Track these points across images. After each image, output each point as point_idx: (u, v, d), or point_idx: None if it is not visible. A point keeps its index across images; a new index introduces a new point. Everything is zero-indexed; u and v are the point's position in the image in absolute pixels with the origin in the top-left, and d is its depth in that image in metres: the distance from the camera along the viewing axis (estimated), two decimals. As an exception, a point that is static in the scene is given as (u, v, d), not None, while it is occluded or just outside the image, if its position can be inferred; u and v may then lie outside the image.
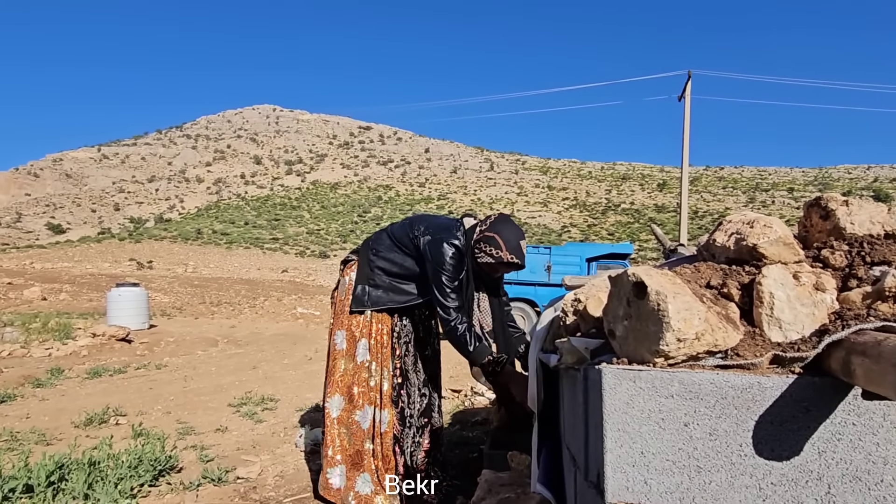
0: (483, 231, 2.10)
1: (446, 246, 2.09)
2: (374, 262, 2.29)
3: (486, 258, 2.07)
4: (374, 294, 2.25)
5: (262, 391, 5.12)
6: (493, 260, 2.06)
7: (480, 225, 2.14)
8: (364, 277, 2.30)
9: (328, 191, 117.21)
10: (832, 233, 1.06)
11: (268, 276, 43.42)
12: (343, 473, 2.22)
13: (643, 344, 0.91)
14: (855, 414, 0.84)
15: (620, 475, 0.89)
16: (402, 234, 2.27)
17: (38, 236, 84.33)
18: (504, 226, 2.11)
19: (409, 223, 2.29)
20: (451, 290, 2.08)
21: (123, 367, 6.81)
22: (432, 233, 2.16)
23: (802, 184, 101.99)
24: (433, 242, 2.13)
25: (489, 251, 2.06)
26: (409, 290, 2.27)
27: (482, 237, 2.09)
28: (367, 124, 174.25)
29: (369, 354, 2.26)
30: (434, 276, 2.10)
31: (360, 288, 2.29)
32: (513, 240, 2.07)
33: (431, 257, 2.11)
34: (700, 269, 1.07)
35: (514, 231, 2.11)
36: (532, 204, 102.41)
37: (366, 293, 2.27)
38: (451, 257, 2.08)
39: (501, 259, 2.05)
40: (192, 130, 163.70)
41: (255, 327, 13.31)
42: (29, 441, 3.38)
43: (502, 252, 2.05)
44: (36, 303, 18.56)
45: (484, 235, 2.08)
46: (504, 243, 2.05)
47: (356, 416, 2.22)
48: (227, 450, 3.26)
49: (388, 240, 2.31)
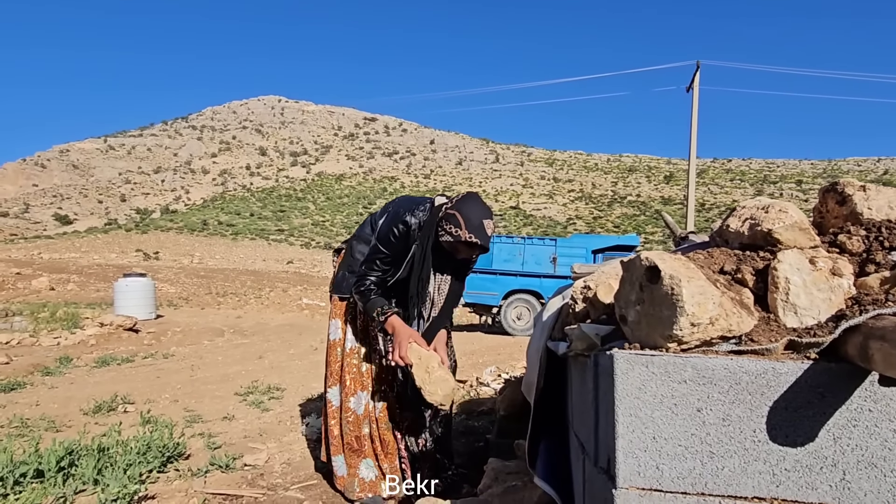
0: (447, 209, 2.01)
1: (398, 223, 2.05)
2: (354, 247, 2.31)
3: (446, 236, 1.97)
4: (352, 279, 2.23)
5: (269, 380, 5.14)
6: (451, 238, 1.95)
7: (447, 203, 2.07)
8: (346, 264, 2.32)
9: (333, 182, 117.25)
10: (849, 218, 1.04)
11: (273, 267, 43.58)
12: (344, 462, 2.24)
13: (656, 329, 0.90)
14: (871, 400, 0.83)
15: (632, 460, 0.89)
16: (381, 216, 2.27)
17: (45, 227, 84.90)
18: (468, 203, 1.98)
19: (388, 203, 2.29)
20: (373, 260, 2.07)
21: (131, 357, 6.86)
22: (391, 213, 2.15)
23: (811, 176, 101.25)
24: (388, 217, 2.13)
25: (448, 229, 1.95)
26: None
27: (444, 214, 1.99)
28: (373, 115, 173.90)
29: (356, 339, 2.27)
30: (372, 242, 2.13)
31: (341, 274, 2.31)
32: (474, 218, 1.94)
33: (380, 229, 2.12)
34: (713, 254, 1.06)
35: (477, 209, 1.97)
36: (537, 196, 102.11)
37: (344, 279, 2.28)
38: (395, 232, 2.03)
39: (460, 238, 1.93)
40: (197, 121, 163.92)
41: (261, 318, 13.38)
42: (39, 428, 3.41)
43: (461, 230, 1.93)
44: (44, 293, 18.73)
45: (446, 213, 1.99)
46: (464, 221, 1.93)
47: (350, 402, 2.24)
48: (234, 437, 3.28)
49: (370, 226, 2.31)
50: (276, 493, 2.39)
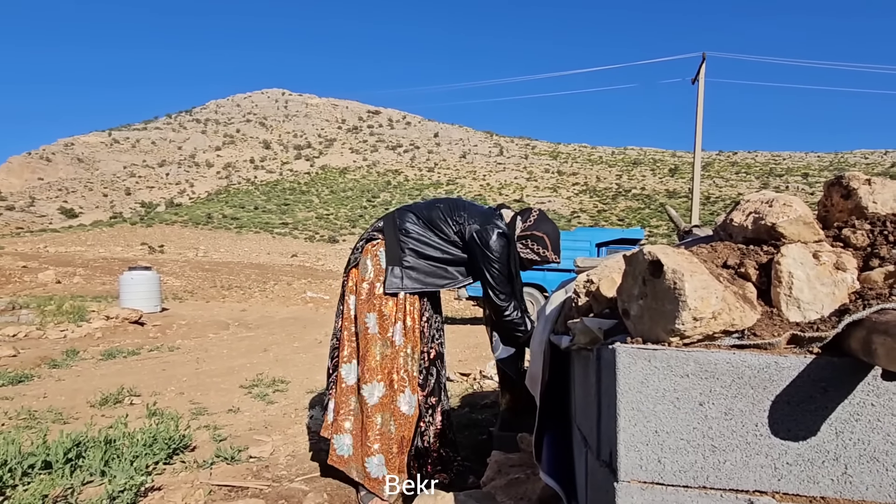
0: (530, 228, 2.16)
1: (496, 235, 2.13)
2: (405, 243, 2.24)
3: (532, 255, 2.15)
4: (410, 275, 2.22)
5: (273, 373, 5.18)
6: (538, 258, 2.15)
7: (523, 220, 2.20)
8: (396, 259, 2.24)
9: (337, 175, 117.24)
10: (854, 212, 1.03)
11: (277, 260, 43.70)
12: (382, 463, 2.15)
13: (658, 323, 0.90)
14: (874, 395, 0.83)
15: (634, 454, 0.89)
16: (438, 218, 2.24)
17: (51, 220, 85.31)
18: (549, 226, 2.18)
19: (446, 207, 2.27)
20: (504, 278, 2.14)
21: (137, 349, 6.91)
22: (479, 221, 2.19)
23: (818, 169, 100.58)
24: (483, 231, 2.16)
25: (536, 249, 2.14)
26: (444, 274, 2.25)
27: (531, 235, 2.15)
28: (376, 108, 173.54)
29: (404, 338, 2.21)
30: (486, 265, 2.15)
31: (393, 269, 2.22)
32: (556, 241, 2.16)
33: (481, 245, 2.14)
34: (717, 248, 1.05)
35: (556, 231, 2.19)
36: (542, 189, 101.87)
37: (401, 275, 2.22)
38: (502, 246, 2.13)
39: (547, 258, 2.14)
40: (201, 115, 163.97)
41: (266, 311, 13.44)
42: (46, 419, 3.45)
43: (548, 252, 2.14)
44: (50, 286, 18.85)
45: (533, 234, 2.15)
46: (551, 245, 2.15)
47: (399, 402, 2.17)
48: (239, 430, 3.30)
49: (419, 221, 2.26)
50: (281, 484, 2.42)
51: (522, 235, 2.16)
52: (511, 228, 2.18)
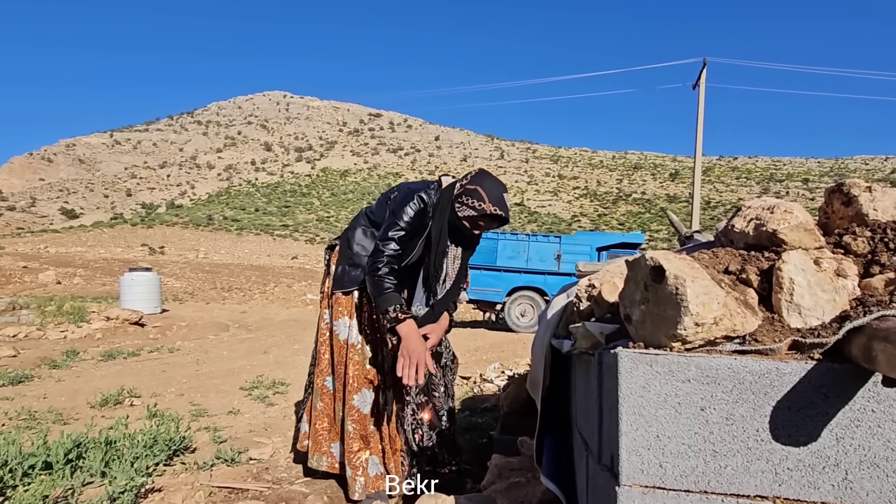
0: (464, 185, 2.05)
1: (412, 200, 2.05)
2: (352, 239, 2.27)
3: (468, 210, 2.02)
4: (354, 273, 2.22)
5: (273, 375, 5.17)
6: (474, 212, 2.01)
7: (461, 181, 2.10)
8: (344, 258, 2.28)
9: (338, 178, 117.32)
10: (854, 219, 1.04)
11: (278, 262, 43.70)
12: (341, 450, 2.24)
13: (660, 328, 0.90)
14: (874, 401, 0.83)
15: (635, 458, 0.90)
16: (379, 207, 2.24)
17: (52, 221, 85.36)
18: (485, 178, 2.06)
19: (388, 192, 2.27)
20: (395, 236, 2.02)
21: (137, 350, 6.91)
22: (403, 192, 2.15)
23: (818, 174, 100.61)
24: (399, 195, 2.13)
25: (471, 203, 2.01)
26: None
27: (463, 190, 2.04)
28: (378, 111, 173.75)
29: (360, 333, 2.23)
30: (387, 220, 2.07)
31: (340, 269, 2.27)
32: (495, 191, 2.02)
33: (392, 207, 2.09)
34: (718, 254, 1.06)
35: (495, 183, 2.06)
36: (542, 193, 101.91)
37: (345, 273, 2.24)
38: (412, 209, 2.04)
39: (484, 211, 1.99)
40: (202, 117, 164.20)
41: (266, 313, 13.43)
42: (47, 420, 3.44)
43: (485, 204, 1.99)
44: (51, 286, 18.85)
45: (465, 189, 2.03)
46: (486, 195, 2.00)
47: (354, 400, 2.21)
48: (239, 432, 3.30)
49: (366, 217, 2.29)
50: (281, 486, 2.42)
51: (458, 193, 2.05)
52: (448, 193, 2.08)
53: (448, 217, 2.06)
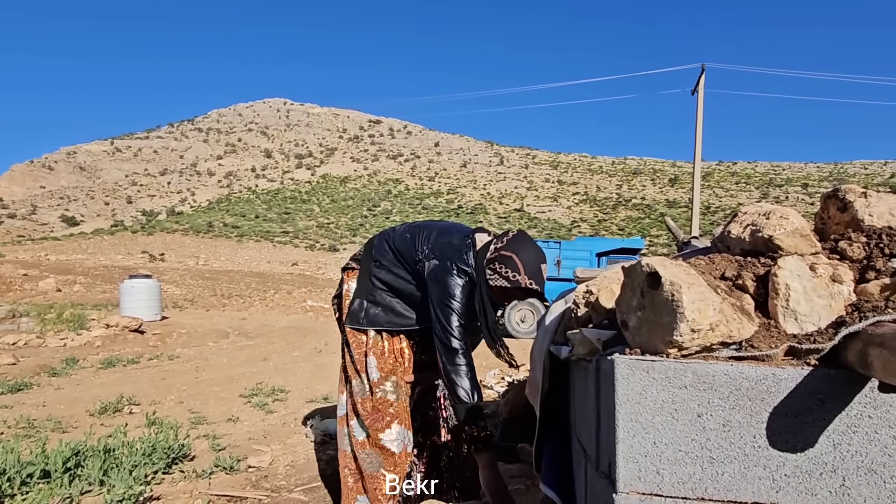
0: (499, 249, 1.82)
1: (455, 275, 1.82)
2: (375, 274, 2.06)
3: (500, 281, 1.78)
4: (373, 311, 2.04)
5: (273, 382, 5.16)
6: (507, 284, 1.77)
7: (496, 242, 1.86)
8: (364, 291, 2.08)
9: (338, 184, 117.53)
10: (850, 224, 1.04)
11: (278, 269, 43.70)
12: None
13: (657, 334, 0.90)
14: (871, 406, 0.83)
15: (633, 465, 0.89)
16: (406, 249, 2.03)
17: (52, 228, 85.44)
18: (523, 244, 1.82)
19: (413, 237, 2.04)
20: (458, 325, 1.81)
21: (136, 358, 6.89)
22: (439, 256, 1.91)
23: (817, 179, 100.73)
24: (440, 269, 1.87)
25: (504, 273, 1.77)
26: (409, 315, 2.03)
27: (497, 255, 1.80)
28: (377, 118, 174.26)
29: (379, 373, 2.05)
30: (439, 308, 1.83)
31: (358, 302, 2.08)
32: (532, 262, 1.78)
33: (437, 285, 1.85)
34: (714, 260, 1.06)
35: (533, 251, 1.82)
36: (542, 198, 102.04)
37: (363, 309, 2.05)
38: (461, 288, 1.82)
39: (518, 284, 1.76)
40: (203, 124, 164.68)
41: (266, 320, 13.42)
42: (45, 428, 3.44)
43: (520, 276, 1.75)
44: (51, 294, 18.84)
45: (500, 254, 1.80)
46: (523, 266, 1.76)
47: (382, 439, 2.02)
48: (238, 439, 3.29)
49: (392, 252, 2.07)
50: (280, 494, 2.41)
51: (492, 258, 1.81)
52: (482, 256, 1.85)
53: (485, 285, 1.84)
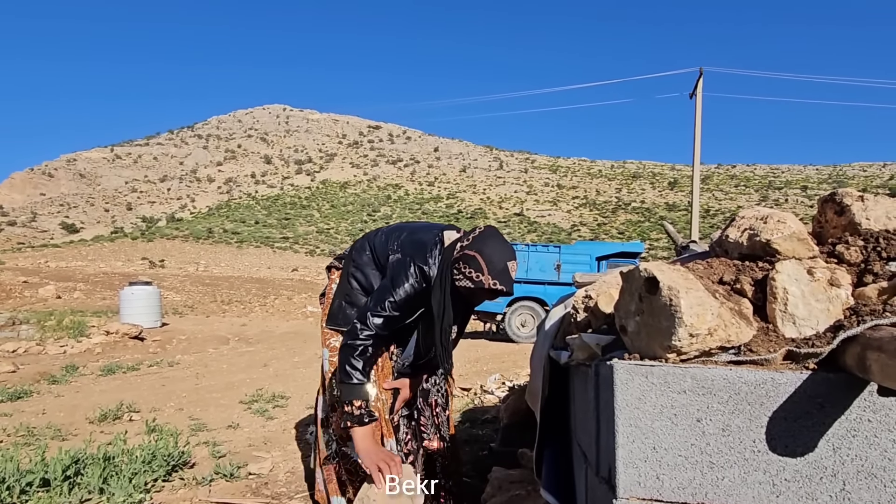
0: (463, 248, 1.72)
1: (410, 272, 1.77)
2: (352, 274, 2.04)
3: (465, 281, 1.69)
4: (350, 313, 2.00)
5: (273, 388, 5.15)
6: (471, 284, 1.68)
7: (462, 240, 1.77)
8: (342, 292, 2.05)
9: (338, 190, 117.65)
10: (847, 228, 1.05)
11: (278, 274, 43.69)
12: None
13: (655, 339, 0.90)
14: (871, 410, 0.83)
15: (632, 470, 0.89)
16: (381, 249, 2.00)
17: (52, 235, 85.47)
18: (489, 242, 1.71)
19: (387, 235, 2.02)
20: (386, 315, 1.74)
21: (136, 365, 6.88)
22: (403, 251, 1.89)
23: (816, 182, 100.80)
24: (398, 263, 1.84)
25: (468, 273, 1.67)
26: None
27: (461, 255, 1.70)
28: (377, 123, 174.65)
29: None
30: (378, 291, 1.81)
31: (337, 303, 2.05)
32: (498, 261, 1.67)
33: (389, 275, 1.83)
34: (713, 264, 1.07)
35: (500, 249, 1.70)
36: (542, 203, 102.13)
37: (341, 310, 2.02)
38: (409, 285, 1.76)
39: (482, 284, 1.66)
40: (203, 130, 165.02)
41: (266, 325, 13.41)
42: (45, 436, 3.43)
43: (483, 276, 1.65)
44: (51, 301, 18.83)
45: (464, 254, 1.70)
46: (486, 265, 1.66)
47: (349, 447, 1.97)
48: (238, 446, 3.28)
49: (370, 252, 2.03)
50: (281, 501, 2.40)
51: (455, 258, 1.72)
52: (448, 254, 1.76)
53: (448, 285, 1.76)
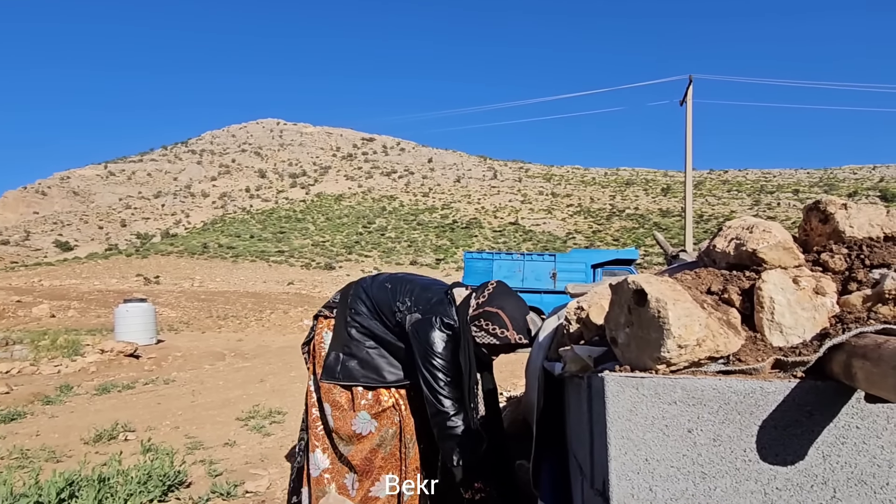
0: (482, 304, 1.76)
1: (439, 329, 1.75)
2: (351, 325, 1.98)
3: (488, 338, 1.73)
4: (350, 365, 1.94)
5: (270, 404, 5.12)
6: (496, 341, 1.73)
7: (477, 297, 1.81)
8: (339, 343, 1.98)
9: (333, 203, 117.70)
10: (832, 236, 1.06)
11: (274, 288, 43.54)
12: None
13: (645, 351, 0.91)
14: (858, 417, 0.84)
15: (625, 483, 0.90)
16: (384, 300, 1.96)
17: (46, 254, 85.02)
18: (507, 298, 1.78)
19: (392, 289, 1.99)
20: (446, 379, 1.73)
21: (132, 383, 6.83)
22: (421, 309, 1.85)
23: (808, 185, 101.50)
24: (423, 323, 1.79)
25: (492, 329, 1.73)
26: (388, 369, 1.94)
27: (482, 312, 1.75)
28: (371, 136, 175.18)
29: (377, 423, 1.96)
30: (424, 363, 1.75)
31: (334, 355, 1.97)
32: (519, 316, 1.76)
33: (420, 340, 1.77)
34: (700, 275, 1.08)
35: (518, 304, 1.79)
36: (536, 211, 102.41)
37: (339, 362, 1.95)
38: (445, 341, 1.74)
39: (507, 340, 1.72)
40: (196, 146, 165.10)
41: (262, 340, 13.33)
42: (39, 458, 3.39)
43: (508, 332, 1.71)
44: (44, 320, 18.68)
45: (484, 311, 1.74)
46: (510, 321, 1.72)
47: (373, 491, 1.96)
48: (235, 464, 3.26)
49: (368, 301, 2.00)
50: (278, 520, 2.38)
51: (474, 315, 1.76)
52: (463, 311, 1.79)
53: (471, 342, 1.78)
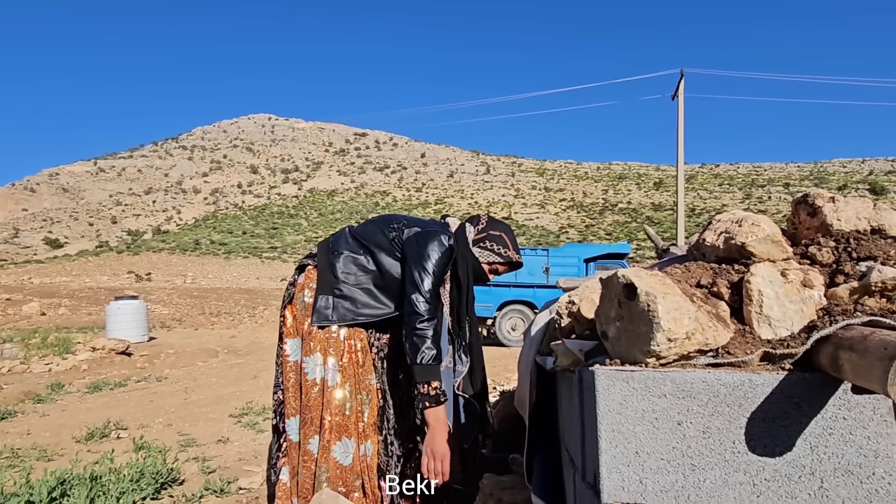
0: (486, 230, 2.05)
1: (439, 240, 1.90)
2: (337, 266, 1.99)
3: (493, 256, 2.02)
4: (342, 306, 1.95)
5: (263, 401, 5.12)
6: (500, 259, 2.02)
7: (475, 224, 2.08)
8: (327, 286, 1.97)
9: (325, 198, 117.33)
10: (820, 229, 1.07)
11: (267, 284, 43.39)
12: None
13: (635, 345, 0.92)
14: (845, 408, 0.85)
15: (616, 475, 0.90)
16: (373, 232, 2.02)
17: (35, 251, 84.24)
18: (503, 226, 2.10)
19: (383, 220, 2.08)
20: (430, 286, 1.83)
21: (124, 381, 6.80)
22: (419, 226, 2.00)
23: (798, 178, 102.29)
24: (423, 234, 1.93)
25: (497, 249, 2.02)
26: (384, 300, 1.98)
27: (487, 235, 2.03)
28: (363, 131, 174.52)
29: (340, 376, 1.93)
30: (415, 265, 1.85)
31: (324, 299, 1.96)
32: (514, 240, 2.09)
33: (419, 245, 1.89)
34: (690, 268, 1.08)
35: (511, 230, 2.11)
36: (529, 206, 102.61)
37: (330, 305, 1.95)
38: (442, 254, 1.89)
39: (510, 258, 2.02)
40: (187, 141, 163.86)
41: (256, 337, 13.31)
42: (30, 457, 3.37)
43: (510, 251, 2.03)
44: (35, 318, 18.53)
45: (489, 234, 2.04)
46: (510, 242, 2.05)
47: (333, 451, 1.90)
48: (228, 461, 3.25)
49: (353, 240, 2.03)
50: (272, 516, 2.38)
51: (478, 238, 2.03)
52: (461, 236, 2.01)
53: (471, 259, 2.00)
